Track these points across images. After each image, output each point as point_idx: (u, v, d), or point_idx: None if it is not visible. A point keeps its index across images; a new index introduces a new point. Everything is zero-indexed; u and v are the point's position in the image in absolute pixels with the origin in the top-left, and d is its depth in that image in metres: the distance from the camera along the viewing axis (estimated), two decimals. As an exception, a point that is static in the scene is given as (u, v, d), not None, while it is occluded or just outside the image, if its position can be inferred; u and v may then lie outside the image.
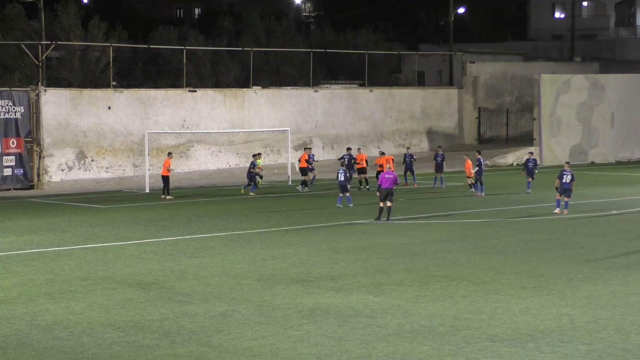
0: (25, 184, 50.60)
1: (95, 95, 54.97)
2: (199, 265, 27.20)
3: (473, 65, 73.52)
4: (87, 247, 30.57)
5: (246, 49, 64.15)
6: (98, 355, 17.78)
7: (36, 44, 55.26)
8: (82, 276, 25.56)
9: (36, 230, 34.55)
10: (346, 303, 22.07)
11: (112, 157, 54.48)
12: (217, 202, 44.13)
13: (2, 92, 50.70)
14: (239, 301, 22.31)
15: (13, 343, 18.66)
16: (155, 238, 32.48)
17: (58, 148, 53.04)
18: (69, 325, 20.01)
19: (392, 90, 69.64)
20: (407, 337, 18.97)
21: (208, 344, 18.55)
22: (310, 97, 64.12)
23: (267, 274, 25.68)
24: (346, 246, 30.45)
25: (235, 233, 33.59)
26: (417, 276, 25.33)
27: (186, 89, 58.64)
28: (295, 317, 20.67)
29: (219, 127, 58.85)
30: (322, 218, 37.64)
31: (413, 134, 69.47)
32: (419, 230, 34.34)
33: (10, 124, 50.28)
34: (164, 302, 22.31)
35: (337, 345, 18.43)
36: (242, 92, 61.00)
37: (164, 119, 56.90)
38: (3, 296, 23.02)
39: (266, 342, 18.68)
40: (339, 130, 65.22)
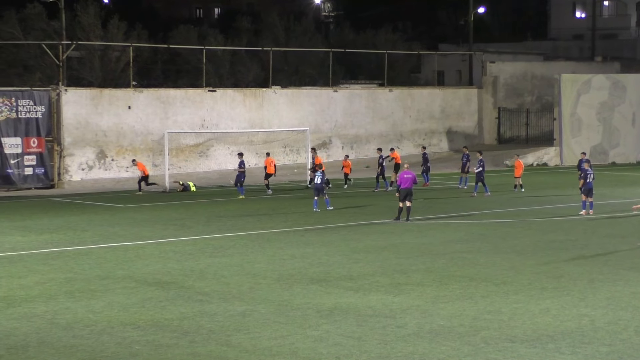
0: (46, 183, 50.80)
1: (115, 94, 55.13)
2: (218, 264, 27.23)
3: (493, 65, 73.33)
4: (107, 246, 30.66)
5: (265, 48, 64.20)
6: (118, 354, 17.83)
7: (57, 44, 55.45)
8: (102, 275, 25.64)
9: (56, 229, 34.67)
10: (365, 303, 22.05)
11: (132, 156, 54.57)
12: (236, 201, 44.17)
13: (23, 92, 50.91)
14: (258, 301, 22.33)
15: (33, 341, 18.74)
16: (175, 237, 32.54)
17: (78, 147, 53.21)
18: (89, 324, 20.08)
19: (411, 90, 69.55)
20: (427, 337, 18.94)
21: (227, 343, 18.57)
22: (330, 97, 64.10)
23: (286, 274, 25.69)
24: (365, 246, 30.42)
25: (255, 233, 33.62)
26: (436, 276, 25.29)
27: (206, 89, 58.73)
28: (314, 317, 20.66)
29: (239, 126, 58.91)
30: (341, 218, 37.61)
31: (432, 134, 69.35)
32: (439, 230, 34.27)
33: (31, 123, 50.48)
34: (183, 301, 22.35)
35: (356, 345, 18.42)
36: (262, 92, 61.03)
37: (183, 119, 57.01)
38: (24, 294, 23.11)
39: (285, 341, 18.68)
40: (358, 130, 65.18)
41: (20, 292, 23.39)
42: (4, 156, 49.50)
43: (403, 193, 35.88)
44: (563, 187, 48.10)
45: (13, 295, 23.01)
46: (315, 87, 65.46)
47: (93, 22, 60.85)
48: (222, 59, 65.55)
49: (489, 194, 44.54)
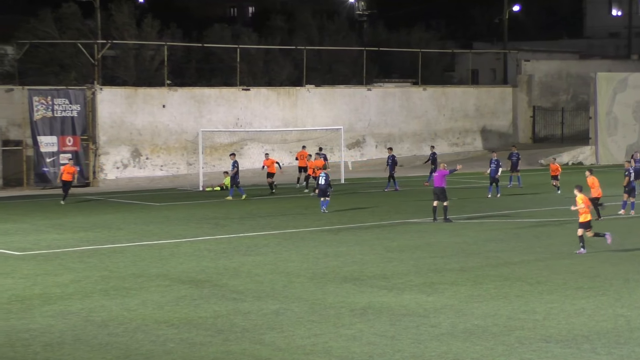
0: (81, 181, 51.08)
1: (149, 93, 55.35)
2: (252, 263, 27.28)
3: (528, 64, 72.95)
4: (141, 245, 30.79)
5: (299, 47, 64.21)
6: (152, 352, 17.90)
7: (92, 43, 55.75)
8: (137, 273, 25.76)
9: (92, 228, 34.87)
10: (399, 302, 22.01)
11: (167, 155, 54.82)
12: (270, 200, 44.23)
13: (59, 91, 51.25)
14: (291, 299, 22.34)
15: (69, 338, 18.85)
16: (209, 236, 32.63)
17: (113, 146, 53.49)
18: (124, 322, 20.17)
19: (445, 88, 69.34)
20: (460, 337, 18.87)
21: (261, 342, 18.60)
22: (363, 96, 64.03)
23: (320, 272, 25.69)
24: (399, 245, 30.37)
25: (288, 231, 33.64)
26: (470, 275, 25.20)
27: (240, 88, 58.84)
28: (348, 316, 20.65)
29: (272, 125, 58.98)
30: (375, 217, 37.57)
31: (467, 133, 69.11)
32: (473, 229, 34.15)
33: (66, 122, 50.82)
34: (217, 299, 22.40)
35: (389, 344, 18.38)
36: (295, 91, 61.07)
37: (217, 118, 57.15)
38: (59, 292, 23.27)
39: (318, 340, 18.68)
40: (392, 128, 65.06)
41: (56, 290, 23.55)
42: (40, 154, 49.87)
43: (436, 192, 35.74)
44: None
45: (49, 293, 23.17)
46: (348, 85, 65.41)
47: (127, 21, 61.12)
48: (256, 58, 65.64)
49: (498, 195, 43.95)
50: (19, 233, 33.57)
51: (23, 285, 24.10)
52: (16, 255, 28.83)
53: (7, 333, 19.23)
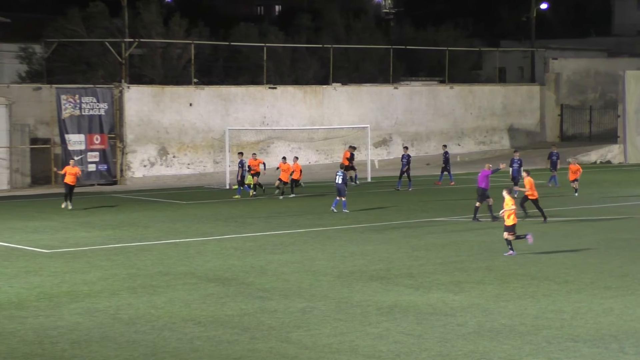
0: (109, 179, 51.35)
1: (176, 92, 55.51)
2: (279, 261, 27.31)
3: (555, 62, 72.62)
4: (168, 243, 30.89)
5: (326, 45, 64.18)
6: (179, 350, 17.95)
7: (119, 42, 55.96)
8: (164, 271, 25.84)
9: (119, 225, 35.02)
10: (425, 301, 21.97)
11: (193, 153, 54.96)
12: (296, 198, 44.25)
13: (87, 89, 51.49)
14: (318, 298, 22.35)
15: (96, 336, 18.93)
16: (236, 234, 32.69)
17: (140, 144, 53.68)
18: (151, 320, 20.24)
19: (472, 86, 69.14)
20: (487, 336, 18.82)
21: (287, 340, 18.61)
22: (390, 94, 63.95)
23: (347, 271, 25.68)
24: (426, 244, 30.32)
25: (315, 230, 33.65)
26: (497, 274, 25.12)
27: (266, 86, 58.91)
28: (374, 315, 20.64)
29: (299, 123, 59.00)
30: (401, 215, 37.52)
31: (494, 131, 68.88)
32: (500, 228, 33.95)
33: (94, 120, 51.05)
34: (243, 297, 22.44)
35: (416, 343, 18.36)
36: (322, 89, 61.06)
37: (244, 116, 57.23)
38: (87, 290, 23.38)
39: (345, 338, 18.67)
40: (418, 127, 64.95)
41: (84, 288, 23.66)
42: (67, 153, 50.08)
43: (478, 192, 35.44)
44: (627, 185, 47.52)
45: (76, 291, 23.28)
46: (375, 84, 65.34)
47: (155, 20, 61.29)
48: (283, 56, 65.66)
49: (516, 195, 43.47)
50: (47, 231, 33.76)
51: (51, 283, 24.24)
52: (44, 253, 29.00)
53: (36, 330, 19.35)
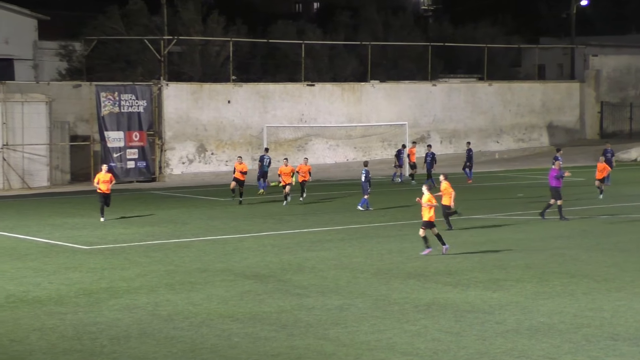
0: (147, 176, 51.60)
1: (215, 89, 55.68)
2: (316, 258, 27.31)
3: (595, 59, 72.09)
4: (206, 239, 30.99)
5: (364, 43, 64.11)
6: (217, 346, 18.00)
7: (158, 39, 56.21)
8: (202, 268, 25.93)
9: (158, 222, 35.18)
10: (464, 298, 21.89)
11: (232, 150, 55.10)
12: (334, 195, 44.23)
13: (126, 86, 51.77)
14: (355, 295, 22.33)
15: (135, 332, 19.03)
16: (273, 231, 32.73)
17: (179, 141, 53.89)
18: (189, 316, 20.31)
19: (511, 84, 68.80)
20: (526, 334, 18.71)
21: (325, 337, 18.61)
22: (428, 91, 63.78)
23: (384, 268, 25.65)
24: (464, 241, 30.19)
25: (352, 227, 33.63)
26: (536, 272, 24.98)
27: (304, 83, 58.94)
28: (412, 312, 20.59)
29: (337, 121, 58.99)
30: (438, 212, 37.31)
31: (532, 129, 68.51)
32: (539, 225, 33.84)
33: (133, 117, 51.32)
34: (281, 294, 22.46)
35: (454, 340, 18.29)
36: (360, 86, 61.01)
37: (282, 113, 57.32)
38: (126, 286, 23.50)
39: (383, 336, 18.64)
40: (457, 124, 64.73)
41: (123, 284, 23.79)
42: (107, 150, 50.41)
43: (552, 190, 34.95)
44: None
45: (115, 287, 23.41)
46: (413, 81, 65.18)
47: (193, 18, 61.49)
48: (321, 54, 65.67)
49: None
50: (86, 228, 33.99)
51: (90, 279, 24.39)
52: (84, 250, 29.19)
53: (75, 326, 19.48)
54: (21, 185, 47.76)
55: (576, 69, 73.44)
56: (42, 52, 65.51)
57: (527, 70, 77.71)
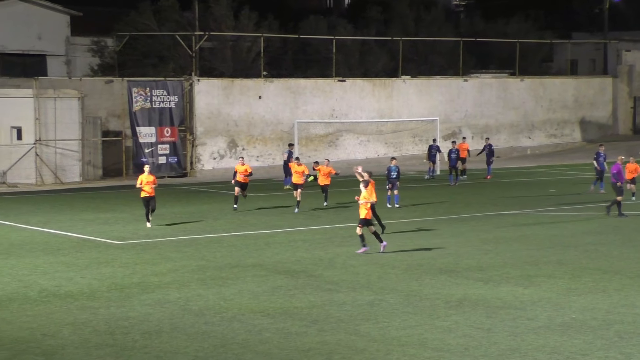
0: (179, 171, 51.80)
1: (246, 85, 55.78)
2: (347, 254, 27.30)
3: (628, 54, 71.60)
4: (237, 235, 31.06)
5: (395, 38, 63.99)
6: (248, 341, 18.04)
7: (190, 35, 56.38)
8: (233, 263, 25.99)
9: (189, 217, 35.29)
10: (495, 294, 21.81)
11: (262, 145, 55.18)
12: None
13: (157, 82, 51.97)
14: (386, 290, 22.31)
15: (167, 327, 19.10)
16: (304, 226, 32.75)
17: (210, 137, 54.05)
18: (220, 311, 20.37)
19: (543, 79, 68.48)
20: (558, 330, 18.62)
21: (356, 333, 18.61)
22: (460, 87, 63.58)
23: (415, 264, 25.60)
24: (495, 237, 30.10)
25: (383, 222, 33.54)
26: (568, 268, 24.85)
27: (335, 79, 58.92)
28: (443, 308, 20.54)
29: (368, 116, 58.94)
30: (470, 208, 37.29)
31: (565, 124, 68.16)
32: (570, 221, 33.67)
33: (164, 113, 51.51)
34: (312, 290, 22.48)
35: (485, 336, 18.23)
36: (391, 82, 60.92)
37: (313, 109, 57.33)
38: (157, 281, 23.60)
39: (414, 331, 18.62)
40: (488, 119, 64.50)
41: (154, 279, 23.89)
42: (138, 145, 50.64)
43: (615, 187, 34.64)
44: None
45: (147, 282, 23.52)
46: (445, 76, 65.02)
47: (225, 13, 61.63)
48: (352, 49, 65.63)
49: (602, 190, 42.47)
50: (118, 222, 34.16)
51: (122, 274, 24.51)
52: (116, 245, 29.34)
53: (107, 321, 19.58)
54: (54, 180, 48.08)
55: (609, 64, 72.98)
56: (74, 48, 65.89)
57: (559, 65, 77.30)
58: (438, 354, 17.09)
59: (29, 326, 19.17)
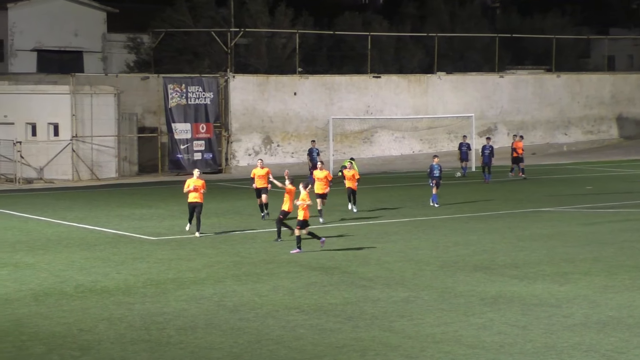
0: (214, 168, 51.90)
1: (281, 81, 55.83)
2: (382, 250, 27.27)
3: (666, 49, 71.00)
4: (272, 231, 31.05)
5: (430, 34, 63.82)
6: (282, 337, 18.06)
7: (225, 31, 56.49)
8: (267, 259, 26.03)
9: (224, 214, 35.38)
10: (530, 292, 21.70)
11: (297, 142, 55.21)
12: (400, 187, 44.13)
13: (193, 79, 52.12)
14: (421, 287, 22.26)
15: (202, 323, 19.17)
16: (339, 223, 32.71)
17: (245, 133, 54.14)
18: (255, 307, 20.40)
19: (580, 75, 68.01)
20: (594, 328, 18.50)
21: (390, 329, 18.58)
22: (495, 83, 63.29)
23: (450, 261, 25.53)
24: (531, 234, 29.95)
25: (418, 219, 33.51)
26: (604, 266, 24.68)
27: (370, 75, 58.84)
28: (478, 305, 20.47)
29: (403, 112, 58.81)
30: (506, 205, 37.13)
31: (602, 120, 67.67)
32: (607, 218, 33.44)
33: (200, 109, 51.65)
34: (346, 286, 22.47)
35: (520, 334, 18.15)
36: (426, 78, 60.74)
37: (348, 105, 57.28)
38: (192, 277, 23.68)
39: (448, 328, 18.56)
40: (524, 116, 64.15)
41: (189, 275, 23.97)
42: (174, 141, 50.82)
43: None
44: None
45: (182, 278, 23.60)
46: (480, 73, 64.73)
47: (260, 10, 61.70)
48: (387, 45, 65.49)
49: None
50: (154, 219, 34.31)
51: (157, 270, 24.62)
52: (151, 240, 29.47)
53: (143, 316, 19.67)
54: (90, 176, 48.37)
55: (646, 60, 72.40)
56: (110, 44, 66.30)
57: (596, 61, 76.74)
58: (473, 351, 17.04)
59: (65, 321, 19.31)
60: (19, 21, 64.05)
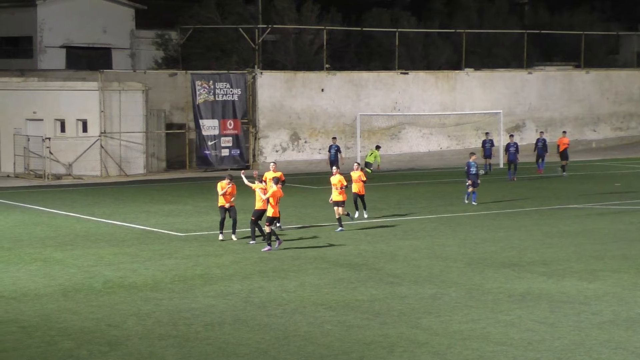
0: (241, 164, 51.96)
1: (308, 77, 55.82)
2: (409, 247, 27.23)
3: (697, 45, 70.42)
4: (299, 228, 31.10)
5: (458, 30, 63.61)
6: (310, 333, 18.07)
7: (253, 28, 56.56)
8: (295, 255, 26.05)
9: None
10: (559, 289, 21.61)
11: (325, 138, 55.18)
12: (427, 184, 44.05)
13: (221, 75, 52.21)
14: (448, 284, 22.21)
15: (229, 318, 19.21)
16: (366, 219, 32.67)
17: (272, 129, 54.20)
18: (282, 303, 20.43)
19: (609, 71, 67.61)
20: (623, 326, 18.41)
21: (417, 326, 18.55)
22: (524, 79, 63.01)
23: (478, 258, 25.46)
24: (559, 231, 29.82)
25: (445, 216, 33.45)
26: (634, 263, 24.54)
27: (398, 71, 58.72)
28: (506, 302, 20.40)
29: (430, 109, 58.67)
30: (534, 202, 36.99)
31: (631, 117, 67.26)
32: (636, 216, 33.23)
33: (227, 105, 51.75)
34: (374, 283, 22.46)
35: (549, 331, 18.08)
36: (454, 74, 60.56)
37: (375, 101, 57.20)
38: (220, 273, 23.74)
39: (476, 325, 18.52)
40: (552, 113, 63.85)
41: (217, 271, 24.03)
42: (202, 138, 50.93)
43: None
44: None
45: (210, 274, 23.67)
46: (508, 69, 64.49)
47: (288, 6, 61.76)
48: (415, 42, 65.37)
49: None
50: (181, 215, 34.41)
51: (185, 266, 24.69)
52: (179, 237, 29.56)
53: (170, 312, 19.74)
54: (118, 172, 48.57)
55: (677, 56, 71.86)
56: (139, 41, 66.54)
57: (625, 57, 76.26)
58: (501, 348, 16.99)
59: (94, 316, 19.41)
60: (48, 18, 64.42)
